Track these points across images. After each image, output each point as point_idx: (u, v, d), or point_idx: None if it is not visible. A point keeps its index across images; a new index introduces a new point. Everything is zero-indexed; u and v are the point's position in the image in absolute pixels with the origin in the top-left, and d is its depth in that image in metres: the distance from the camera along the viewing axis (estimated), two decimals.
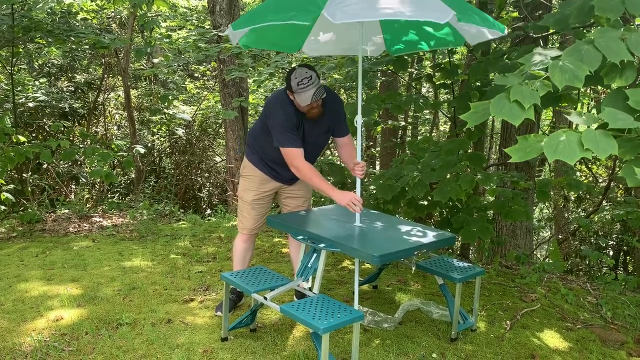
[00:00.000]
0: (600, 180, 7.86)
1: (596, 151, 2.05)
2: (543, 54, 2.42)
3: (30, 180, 7.43)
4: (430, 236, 2.99)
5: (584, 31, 3.76)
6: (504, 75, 2.39)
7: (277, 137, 3.01)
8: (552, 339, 3.28)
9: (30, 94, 8.54)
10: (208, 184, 10.40)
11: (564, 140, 2.10)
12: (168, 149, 10.38)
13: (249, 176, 3.31)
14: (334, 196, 2.96)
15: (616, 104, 2.27)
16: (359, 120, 3.09)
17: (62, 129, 7.84)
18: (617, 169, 6.65)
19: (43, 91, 8.85)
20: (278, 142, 3.01)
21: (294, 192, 3.42)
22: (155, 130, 10.32)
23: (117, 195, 9.14)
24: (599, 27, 2.48)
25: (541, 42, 4.78)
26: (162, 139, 10.49)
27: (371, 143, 11.05)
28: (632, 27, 2.41)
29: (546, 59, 2.35)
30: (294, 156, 2.99)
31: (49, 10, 5.71)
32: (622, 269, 7.59)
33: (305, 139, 3.10)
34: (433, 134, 11.08)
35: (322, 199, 6.95)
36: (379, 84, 8.79)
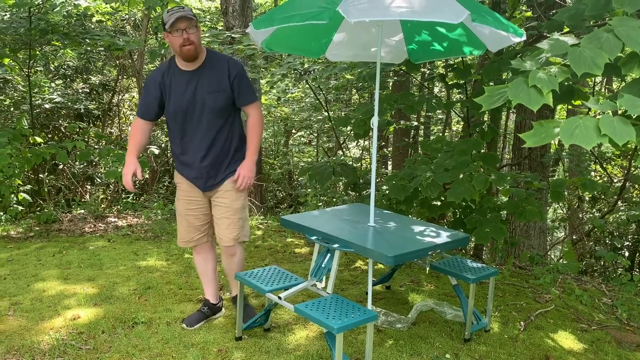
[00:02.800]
0: (615, 181, 7.77)
1: (613, 137, 2.01)
2: (561, 41, 2.40)
3: (47, 181, 7.53)
4: (444, 236, 2.99)
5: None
6: (521, 59, 2.37)
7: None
8: (566, 340, 3.26)
9: (47, 96, 8.65)
10: None
11: (580, 125, 2.07)
12: None
13: (177, 184, 3.14)
14: (125, 164, 3.00)
15: (634, 94, 2.25)
16: (375, 122, 3.10)
17: (78, 130, 7.93)
18: (633, 169, 6.57)
19: (59, 93, 8.96)
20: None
21: (215, 200, 3.09)
22: None
23: (131, 195, 9.22)
24: (617, 17, 2.46)
25: None
26: None
27: (383, 143, 11.05)
28: None
29: (565, 46, 2.32)
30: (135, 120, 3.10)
31: (65, 13, 5.79)
32: (637, 270, 7.50)
33: (185, 94, 2.88)
34: (446, 134, 11.04)
35: (334, 200, 6.96)
36: (391, 83, 8.78)
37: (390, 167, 10.85)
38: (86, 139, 8.60)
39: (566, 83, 3.22)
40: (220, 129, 2.96)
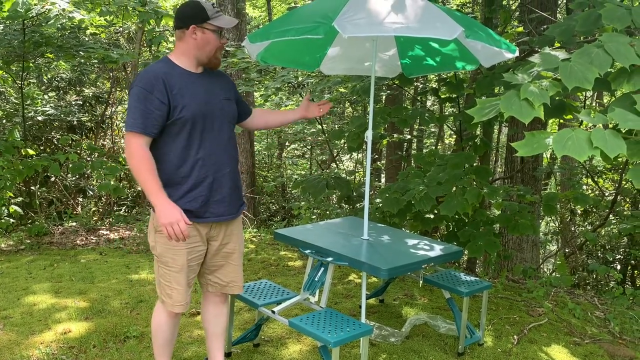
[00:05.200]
0: (606, 194, 7.83)
1: (605, 149, 2.04)
2: (553, 56, 2.43)
3: (38, 193, 7.48)
4: (438, 250, 3.00)
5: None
6: (513, 73, 2.40)
7: (127, 117, 2.27)
8: (559, 354, 3.26)
9: (39, 108, 8.63)
10: None
11: (573, 137, 2.09)
12: None
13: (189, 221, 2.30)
14: (157, 206, 2.20)
15: (624, 108, 2.28)
16: (369, 135, 3.11)
17: (70, 142, 7.91)
18: (624, 182, 6.62)
19: (52, 105, 8.94)
20: (125, 125, 2.27)
21: (223, 241, 2.50)
22: None
23: (123, 208, 9.18)
24: (607, 33, 2.50)
25: None
26: None
27: (376, 156, 11.08)
28: (638, 38, 2.43)
29: (556, 60, 2.36)
30: (129, 141, 2.22)
31: (59, 25, 5.80)
32: (629, 283, 7.53)
33: (204, 98, 2.34)
34: (438, 147, 11.10)
35: (328, 212, 6.96)
36: (384, 97, 8.82)
37: (383, 180, 10.87)
38: (79, 151, 8.58)
39: (557, 98, 3.25)
40: (235, 144, 2.51)
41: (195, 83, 2.34)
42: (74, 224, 6.57)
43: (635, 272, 7.68)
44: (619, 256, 7.50)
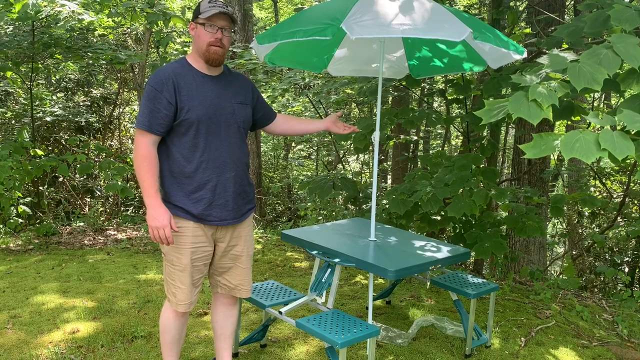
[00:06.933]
0: (614, 196, 7.79)
1: (613, 151, 2.03)
2: (561, 57, 2.42)
3: (47, 194, 7.53)
4: (445, 251, 3.00)
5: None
6: (522, 74, 2.40)
7: (138, 114, 2.33)
8: (567, 356, 3.25)
9: (48, 109, 8.69)
10: None
11: (580, 139, 2.08)
12: None
13: (178, 230, 2.35)
14: (148, 207, 2.28)
15: (633, 109, 2.27)
16: (376, 137, 3.11)
17: (79, 142, 7.95)
18: (632, 184, 6.59)
19: (60, 106, 9.00)
20: (135, 121, 2.33)
21: (230, 245, 2.52)
22: None
23: (131, 208, 9.22)
24: (616, 34, 2.49)
25: None
26: None
27: (383, 157, 11.07)
28: None
29: (564, 61, 2.35)
30: (137, 137, 2.30)
31: (68, 27, 5.83)
32: (637, 286, 7.48)
33: (214, 100, 2.35)
34: (445, 149, 11.08)
35: (334, 213, 6.96)
36: (390, 98, 8.83)
37: (389, 182, 10.87)
38: (87, 152, 8.63)
39: (565, 99, 3.24)
40: (245, 148, 2.50)
41: (207, 85, 2.37)
42: (82, 224, 6.61)
43: None
44: (627, 259, 7.46)
